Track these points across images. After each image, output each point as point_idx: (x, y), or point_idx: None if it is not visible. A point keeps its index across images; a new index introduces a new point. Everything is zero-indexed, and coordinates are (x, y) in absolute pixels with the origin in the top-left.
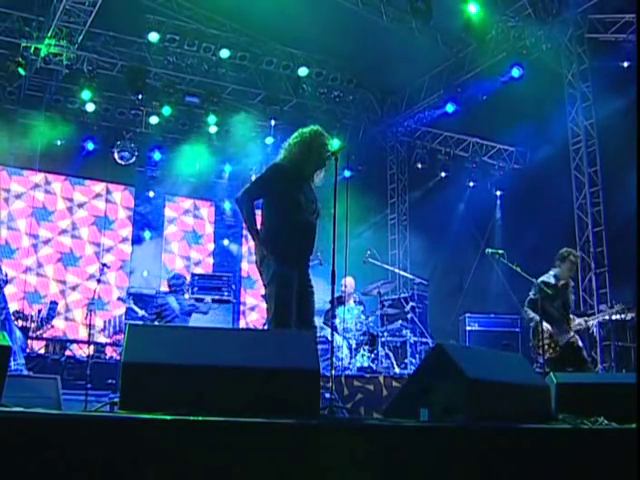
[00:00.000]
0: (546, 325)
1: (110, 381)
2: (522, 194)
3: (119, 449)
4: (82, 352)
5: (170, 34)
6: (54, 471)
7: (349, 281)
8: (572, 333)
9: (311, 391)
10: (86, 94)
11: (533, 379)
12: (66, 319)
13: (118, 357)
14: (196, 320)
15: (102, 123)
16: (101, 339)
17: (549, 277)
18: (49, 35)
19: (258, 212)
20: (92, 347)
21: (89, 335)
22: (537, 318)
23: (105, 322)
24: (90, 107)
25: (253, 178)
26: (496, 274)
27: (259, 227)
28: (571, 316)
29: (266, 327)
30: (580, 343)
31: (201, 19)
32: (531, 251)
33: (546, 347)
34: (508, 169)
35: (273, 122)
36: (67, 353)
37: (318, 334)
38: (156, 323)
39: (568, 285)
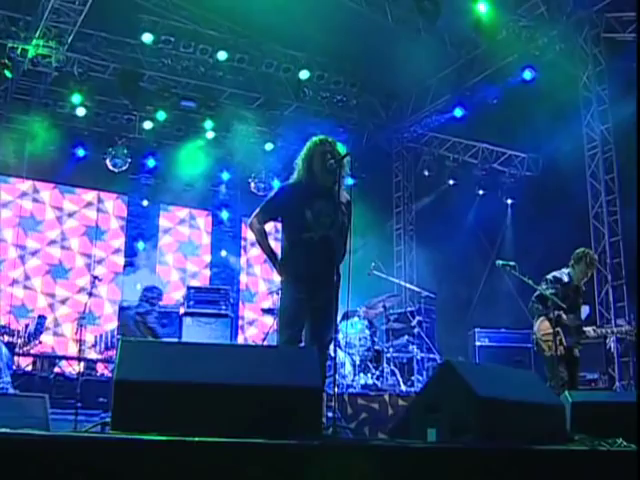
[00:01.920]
0: (560, 315)
1: (101, 400)
2: (534, 203)
3: (111, 472)
4: (72, 369)
5: (165, 35)
6: None
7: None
8: (577, 338)
9: (313, 410)
10: (76, 98)
11: (547, 397)
12: (55, 334)
13: (110, 374)
14: (193, 335)
15: (93, 128)
16: (92, 355)
17: (562, 274)
18: (37, 35)
19: None
20: (82, 364)
21: (79, 351)
22: (544, 311)
23: (96, 337)
24: (81, 111)
25: (252, 187)
26: (507, 287)
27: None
28: (577, 322)
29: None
30: (578, 354)
31: (198, 19)
32: (544, 263)
33: (550, 343)
34: (520, 176)
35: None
36: (56, 370)
37: None
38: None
39: (579, 289)
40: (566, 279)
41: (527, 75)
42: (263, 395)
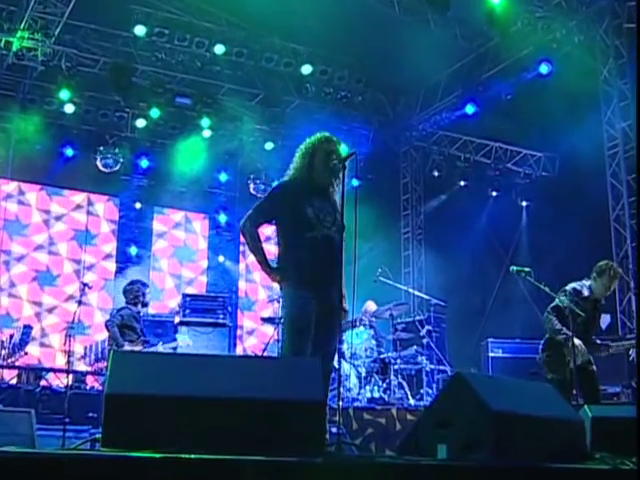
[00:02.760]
0: (577, 341)
1: (91, 415)
2: (551, 205)
3: None
4: (59, 382)
5: (159, 27)
6: None
7: (371, 307)
8: (589, 357)
9: (316, 425)
10: (64, 94)
11: (565, 412)
12: (42, 345)
13: (100, 387)
14: (187, 345)
15: (83, 126)
16: (81, 367)
17: (582, 286)
18: (22, 27)
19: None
20: (71, 376)
21: (68, 363)
22: (567, 333)
23: (86, 348)
24: (69, 108)
25: (252, 188)
26: (522, 294)
27: (276, 257)
28: (594, 337)
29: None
30: (593, 368)
31: (193, 11)
32: (561, 269)
33: (556, 365)
34: (535, 177)
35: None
36: (42, 383)
37: None
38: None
39: (599, 302)
40: (586, 293)
41: (543, 69)
42: (262, 409)
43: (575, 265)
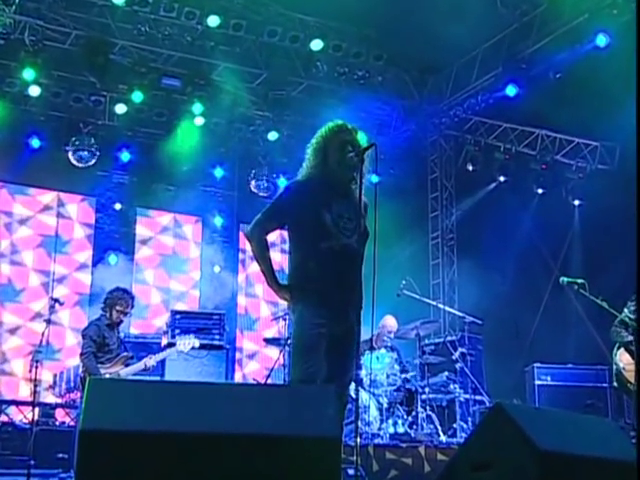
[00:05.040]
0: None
1: (61, 456)
2: (609, 204)
3: None
4: (23, 417)
5: None
6: None
7: (390, 322)
8: None
9: (330, 466)
10: (29, 73)
11: (626, 453)
12: (2, 373)
13: (73, 423)
14: (179, 372)
15: (51, 112)
16: (50, 399)
17: None
18: None
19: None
20: (37, 410)
21: (34, 394)
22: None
23: (55, 376)
24: (34, 91)
25: (253, 186)
26: (574, 311)
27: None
28: None
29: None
30: None
31: None
32: (622, 280)
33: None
34: (590, 171)
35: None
36: (3, 419)
37: None
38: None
39: None
40: None
41: (600, 41)
42: (266, 447)
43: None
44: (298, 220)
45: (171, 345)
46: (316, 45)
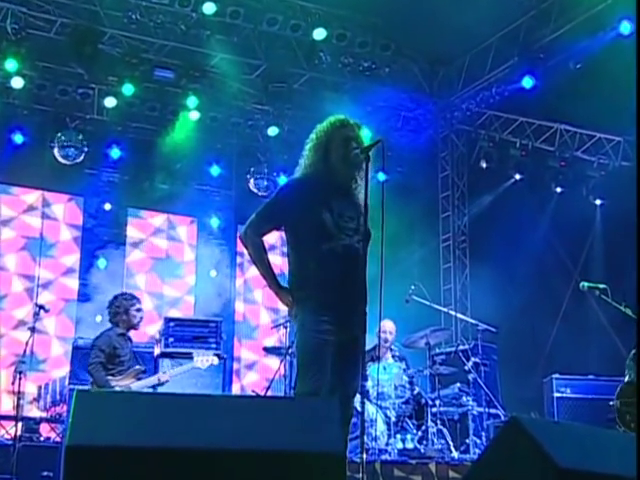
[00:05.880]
0: None
1: (46, 474)
2: (633, 203)
3: None
4: (5, 432)
5: None
6: None
7: (388, 326)
8: None
9: None
10: (11, 64)
11: None
12: None
13: (59, 439)
14: (173, 383)
15: (35, 106)
16: (34, 413)
17: None
18: None
19: None
20: (20, 425)
21: (17, 407)
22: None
23: (40, 388)
24: (17, 83)
25: (251, 185)
26: (596, 318)
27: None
28: None
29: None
30: None
31: None
32: None
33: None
34: (613, 168)
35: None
36: None
37: None
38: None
39: None
40: None
41: (624, 28)
42: (266, 464)
43: None
44: (296, 220)
45: (165, 355)
46: (319, 34)
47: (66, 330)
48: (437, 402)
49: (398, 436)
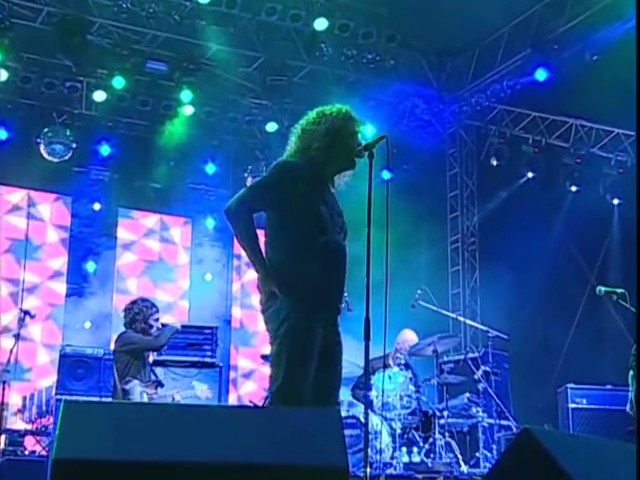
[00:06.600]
0: None
1: None
2: None
3: None
4: None
5: None
6: None
7: (409, 336)
8: None
9: None
10: None
11: None
12: None
13: (45, 452)
14: (165, 391)
15: (20, 100)
16: (18, 425)
17: None
18: None
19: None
20: (4, 437)
21: (0, 419)
22: None
23: (25, 399)
24: (1, 75)
25: (249, 182)
26: (613, 324)
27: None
28: None
29: (267, 402)
30: None
31: None
32: None
33: None
34: (631, 165)
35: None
36: None
37: (346, 412)
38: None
39: None
40: None
41: None
42: (264, 478)
43: None
44: (292, 205)
45: (158, 364)
46: (320, 24)
47: (53, 337)
48: (445, 413)
49: (404, 449)
